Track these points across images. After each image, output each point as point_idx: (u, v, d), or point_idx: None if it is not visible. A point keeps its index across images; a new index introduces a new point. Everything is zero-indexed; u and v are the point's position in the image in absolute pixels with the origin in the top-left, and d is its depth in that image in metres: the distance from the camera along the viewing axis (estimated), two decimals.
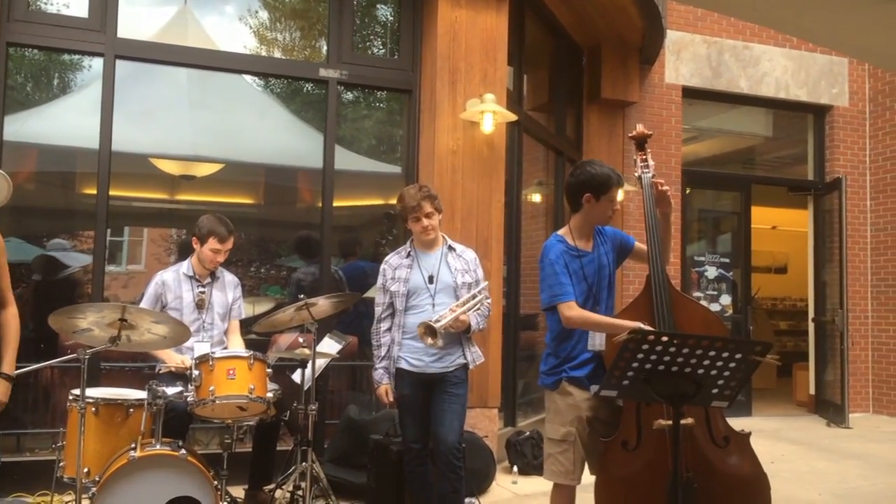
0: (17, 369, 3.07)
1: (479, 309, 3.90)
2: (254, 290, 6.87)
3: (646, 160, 3.53)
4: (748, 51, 8.77)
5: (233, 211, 6.85)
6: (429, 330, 3.58)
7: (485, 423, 5.43)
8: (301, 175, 6.77)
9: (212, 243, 4.23)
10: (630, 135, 3.67)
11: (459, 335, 3.88)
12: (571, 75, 7.86)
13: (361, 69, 5.74)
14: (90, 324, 3.35)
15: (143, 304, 4.17)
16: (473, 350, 3.98)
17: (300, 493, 4.05)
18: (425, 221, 3.88)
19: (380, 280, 4.00)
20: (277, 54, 6.35)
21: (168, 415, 3.53)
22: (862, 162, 9.16)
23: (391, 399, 3.91)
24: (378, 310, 3.99)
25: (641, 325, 3.02)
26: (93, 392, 3.60)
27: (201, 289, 4.27)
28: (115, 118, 5.07)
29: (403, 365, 3.88)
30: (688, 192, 8.73)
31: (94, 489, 3.24)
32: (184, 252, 5.02)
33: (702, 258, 8.87)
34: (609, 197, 3.38)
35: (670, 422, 3.02)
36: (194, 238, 4.33)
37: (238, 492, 4.31)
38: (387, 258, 4.07)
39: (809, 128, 9.39)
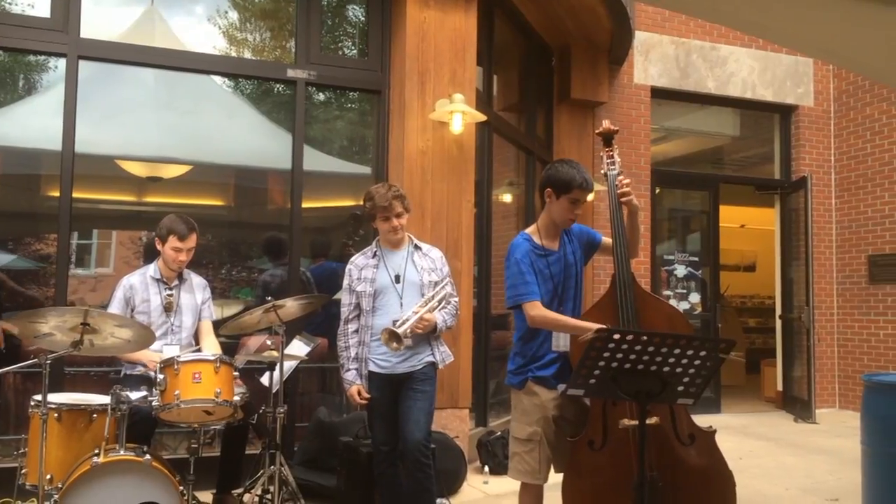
0: None
1: (445, 307, 3.88)
2: (224, 292, 6.80)
3: (612, 156, 3.53)
4: (715, 51, 8.87)
5: (202, 213, 6.78)
6: (392, 336, 3.54)
7: (455, 424, 5.42)
8: (271, 176, 6.72)
9: (172, 241, 4.17)
10: (596, 131, 3.67)
11: (427, 335, 3.86)
12: (541, 76, 7.89)
13: (330, 70, 5.72)
14: (52, 328, 3.30)
15: (111, 309, 4.09)
16: (442, 349, 3.96)
17: (269, 496, 4.02)
18: (395, 221, 3.85)
19: (346, 281, 3.96)
20: (247, 54, 6.30)
21: (132, 419, 3.48)
22: (827, 161, 9.31)
23: (365, 399, 3.87)
24: (345, 311, 3.94)
25: (603, 327, 3.00)
26: (55, 397, 3.54)
27: (169, 291, 4.21)
28: (79, 119, 4.99)
29: (371, 367, 3.85)
30: (657, 191, 8.80)
31: (56, 496, 3.19)
32: (150, 255, 4.97)
33: (671, 257, 8.95)
34: (571, 197, 3.36)
35: (636, 421, 3.05)
36: (157, 239, 4.27)
37: (206, 497, 4.27)
38: (352, 259, 4.03)
39: (776, 127, 9.52)
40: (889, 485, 3.43)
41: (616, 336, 2.56)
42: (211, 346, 4.30)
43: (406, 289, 3.83)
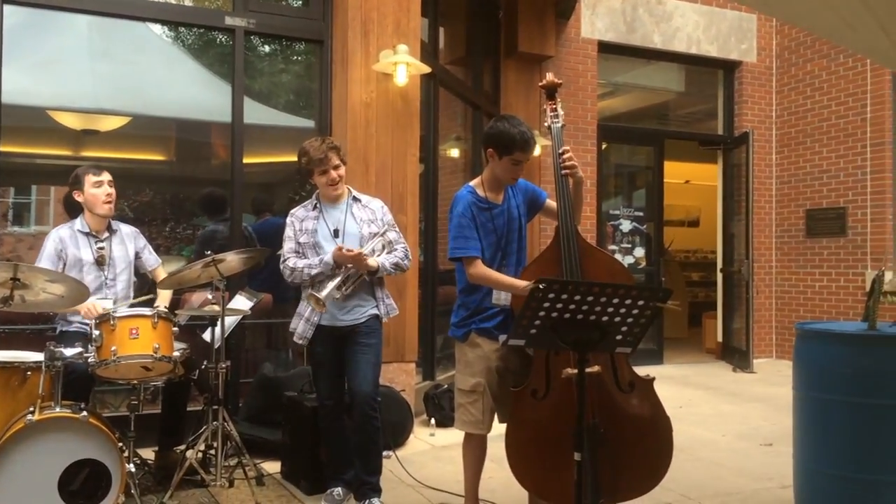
0: None
1: (393, 251, 3.84)
2: (168, 250, 6.65)
3: (556, 110, 3.52)
4: (661, 6, 8.88)
5: (142, 168, 6.61)
6: (315, 300, 3.56)
7: (402, 378, 5.45)
8: (213, 129, 6.54)
9: (90, 181, 4.06)
10: (539, 84, 3.65)
11: (372, 286, 3.83)
12: (488, 29, 7.81)
13: (270, 18, 5.55)
14: None
15: (42, 263, 3.94)
16: (388, 302, 3.92)
17: (212, 452, 3.99)
18: (332, 174, 3.78)
19: (288, 230, 3.89)
20: (186, 2, 6.08)
21: (68, 377, 3.39)
22: (769, 117, 9.47)
23: (356, 252, 3.65)
24: (286, 254, 3.86)
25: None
26: None
27: (100, 244, 4.09)
28: (5, 69, 4.75)
29: (316, 319, 3.80)
30: (604, 147, 8.86)
31: None
32: (71, 210, 4.77)
33: (617, 212, 9.06)
34: (513, 158, 3.34)
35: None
36: (75, 192, 4.12)
37: (148, 454, 4.23)
38: (292, 211, 3.96)
39: (719, 83, 9.63)
40: (818, 428, 3.55)
41: (556, 286, 2.57)
42: (164, 299, 4.24)
43: (346, 242, 3.75)
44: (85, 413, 3.21)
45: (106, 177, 4.11)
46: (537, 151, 7.10)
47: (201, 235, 5.95)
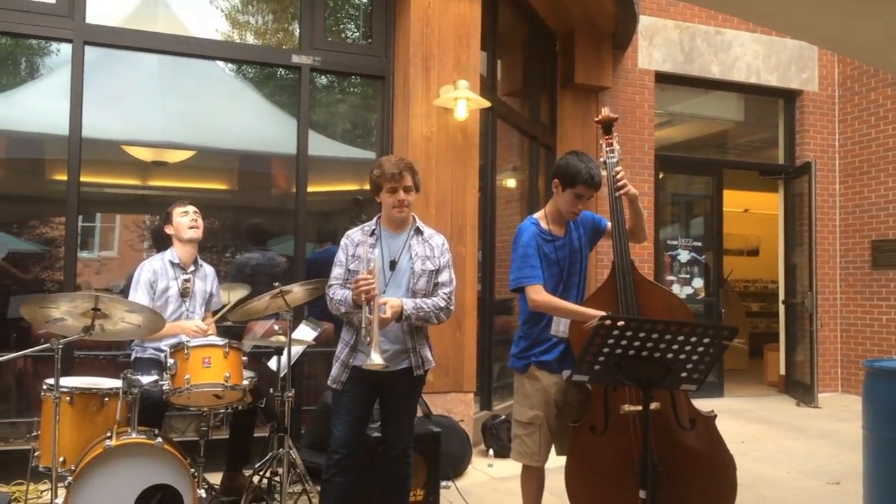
0: None
1: (434, 295, 3.48)
2: (229, 276, 6.85)
3: (611, 144, 3.56)
4: (720, 36, 8.84)
5: (206, 197, 6.82)
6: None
7: (460, 408, 5.48)
8: (275, 161, 6.74)
9: (178, 212, 4.31)
10: (595, 119, 3.70)
11: (411, 337, 3.48)
12: (545, 61, 7.89)
13: (334, 55, 5.73)
14: (63, 313, 3.34)
15: (138, 293, 4.15)
16: (423, 354, 3.52)
17: (277, 478, 4.08)
18: (402, 195, 3.42)
19: (340, 255, 3.51)
20: (250, 38, 6.31)
21: (143, 403, 3.53)
22: (831, 146, 9.30)
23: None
24: (332, 280, 3.50)
25: (604, 314, 3.00)
26: (67, 381, 3.58)
27: (185, 277, 4.28)
28: (84, 104, 5.01)
29: (354, 359, 3.48)
30: (661, 176, 8.81)
31: (70, 478, 3.23)
32: (158, 242, 5.02)
33: (675, 242, 8.97)
34: (575, 192, 3.38)
35: (636, 407, 3.10)
36: (166, 225, 4.34)
37: (215, 479, 4.33)
38: (348, 233, 3.56)
39: (780, 112, 9.51)
40: (890, 469, 3.47)
41: (621, 322, 2.60)
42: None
43: (394, 276, 3.44)
44: (160, 439, 3.33)
45: (191, 208, 4.37)
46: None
47: (237, 261, 6.24)
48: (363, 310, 3.22)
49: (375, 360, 3.11)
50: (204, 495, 3.66)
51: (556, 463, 3.50)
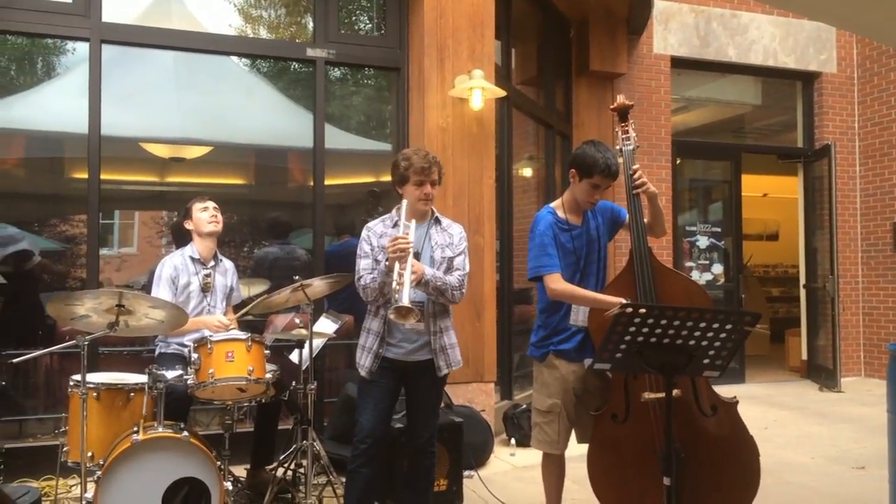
0: (16, 357, 3.09)
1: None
2: (247, 270, 6.90)
3: (627, 132, 3.55)
4: (736, 19, 8.75)
5: (224, 192, 6.86)
6: (400, 311, 3.11)
7: (481, 398, 5.49)
8: (291, 155, 6.77)
9: (197, 207, 4.32)
10: (611, 107, 3.68)
11: (438, 337, 3.52)
12: (559, 48, 7.84)
13: (349, 48, 5.72)
14: (88, 310, 3.38)
15: (161, 289, 4.18)
16: (450, 352, 3.55)
17: (302, 470, 4.12)
18: (428, 188, 3.47)
19: (364, 246, 3.53)
20: (263, 32, 6.32)
21: (168, 398, 3.56)
22: (851, 128, 9.20)
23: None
24: (361, 271, 3.50)
25: (623, 301, 2.98)
26: (93, 377, 3.64)
27: (206, 272, 4.31)
28: (102, 102, 5.05)
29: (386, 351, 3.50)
30: (678, 162, 8.75)
31: (98, 472, 3.28)
32: (178, 237, 5.05)
33: (693, 228, 8.92)
34: (592, 182, 3.37)
35: (657, 394, 3.10)
36: (186, 220, 4.37)
37: (240, 471, 4.37)
38: (369, 225, 3.60)
39: (798, 95, 9.41)
40: None
41: (642, 310, 2.59)
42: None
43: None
44: (186, 433, 3.37)
45: (210, 203, 4.39)
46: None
47: (256, 255, 6.32)
48: (394, 269, 3.24)
49: (404, 301, 3.09)
50: (230, 488, 3.71)
51: (577, 451, 3.51)
